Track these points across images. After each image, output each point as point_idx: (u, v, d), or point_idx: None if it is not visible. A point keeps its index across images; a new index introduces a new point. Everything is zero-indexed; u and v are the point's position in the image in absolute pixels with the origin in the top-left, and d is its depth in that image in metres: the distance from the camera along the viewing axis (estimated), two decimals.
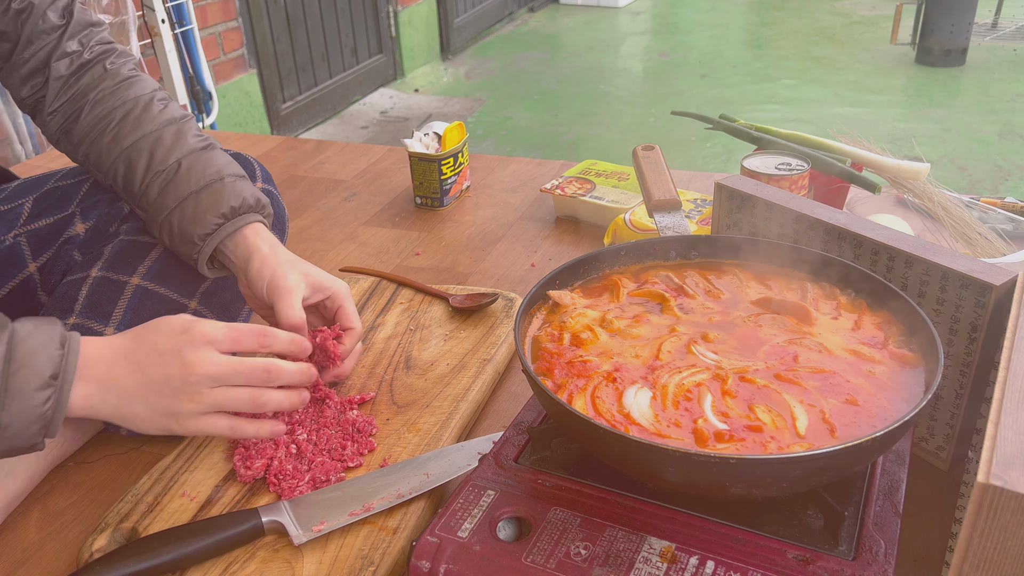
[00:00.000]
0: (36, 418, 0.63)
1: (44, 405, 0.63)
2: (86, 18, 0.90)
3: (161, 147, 0.84)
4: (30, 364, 0.62)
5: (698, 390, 0.60)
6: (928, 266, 0.69)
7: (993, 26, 4.82)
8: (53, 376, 0.63)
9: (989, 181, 3.20)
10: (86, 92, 0.87)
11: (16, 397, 0.61)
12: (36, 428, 0.63)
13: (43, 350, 0.63)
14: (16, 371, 0.61)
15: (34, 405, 0.62)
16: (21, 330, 0.63)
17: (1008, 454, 0.43)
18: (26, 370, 0.62)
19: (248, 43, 3.35)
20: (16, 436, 0.63)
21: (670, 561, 0.54)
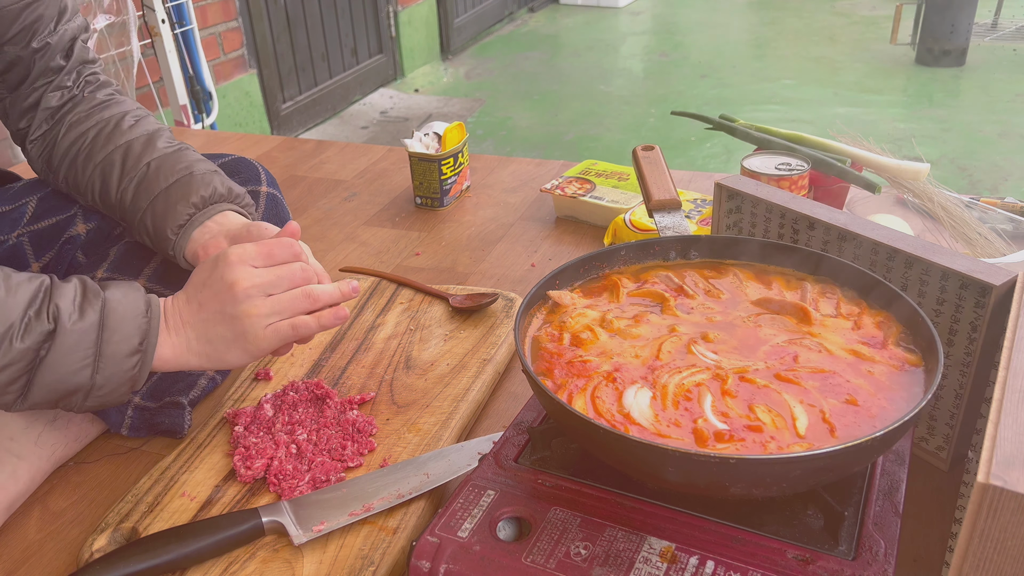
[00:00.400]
0: (126, 380, 0.68)
1: (133, 369, 0.67)
2: (84, 56, 0.93)
3: (131, 155, 0.86)
4: (121, 330, 0.66)
5: (698, 390, 0.60)
6: (928, 266, 0.69)
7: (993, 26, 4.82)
8: (141, 342, 0.68)
9: (989, 181, 3.20)
10: (63, 118, 0.89)
11: (109, 362, 0.66)
12: (126, 388, 0.68)
13: (132, 318, 0.67)
14: (109, 338, 0.66)
15: (125, 369, 0.67)
16: (112, 298, 0.67)
17: (1008, 454, 0.43)
18: (118, 336, 0.66)
19: (248, 43, 3.35)
20: (108, 395, 0.68)
21: (670, 561, 0.54)
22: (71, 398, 0.67)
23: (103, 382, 0.66)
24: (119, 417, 0.81)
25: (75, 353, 0.65)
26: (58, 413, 0.79)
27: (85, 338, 0.65)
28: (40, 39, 0.87)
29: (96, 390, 0.67)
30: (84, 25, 0.93)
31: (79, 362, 0.65)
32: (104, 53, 2.22)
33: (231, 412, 0.82)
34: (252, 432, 0.79)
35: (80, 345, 0.65)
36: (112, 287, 0.69)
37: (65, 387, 0.65)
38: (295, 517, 0.68)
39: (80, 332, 0.65)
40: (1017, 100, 3.98)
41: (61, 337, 0.64)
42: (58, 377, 0.65)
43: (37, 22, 0.86)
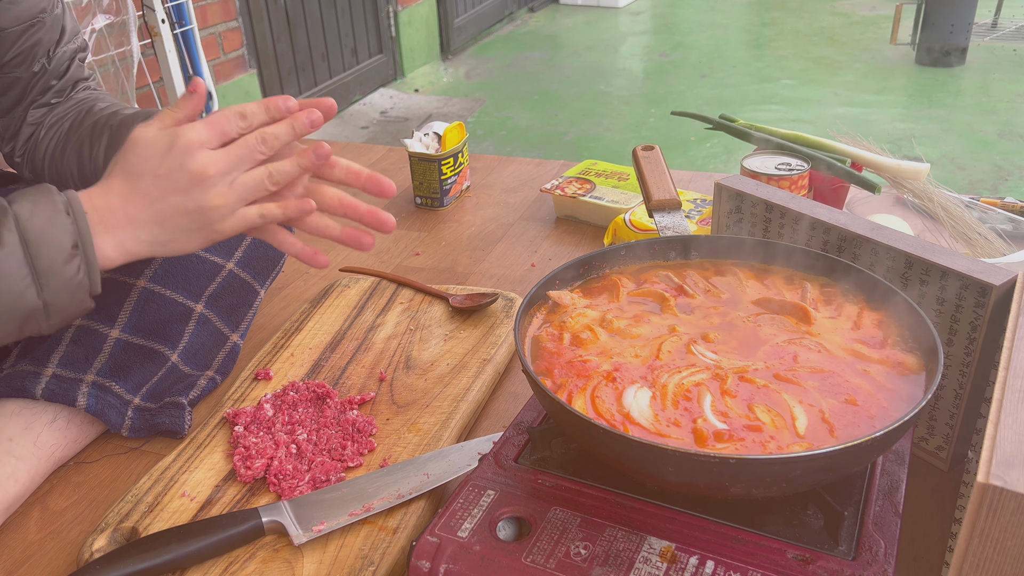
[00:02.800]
0: (77, 287, 0.64)
1: (78, 274, 0.64)
2: (79, 74, 0.93)
3: (98, 126, 0.86)
4: (47, 241, 0.63)
5: (697, 390, 0.60)
6: (928, 266, 0.69)
7: (993, 26, 4.82)
8: (74, 245, 0.63)
9: (989, 181, 3.20)
10: (43, 122, 0.91)
11: (49, 277, 0.63)
12: (81, 295, 0.65)
13: (52, 224, 0.63)
14: (37, 252, 0.62)
15: (69, 277, 0.64)
16: (22, 212, 0.63)
17: (1008, 454, 0.43)
18: (46, 248, 0.63)
19: (248, 43, 3.35)
20: (68, 307, 0.65)
21: (670, 561, 0.54)
22: (33, 322, 0.64)
23: (54, 298, 0.64)
24: (119, 418, 0.81)
25: (11, 278, 0.62)
26: (57, 414, 0.79)
27: (12, 260, 0.62)
28: (39, 63, 0.88)
29: (52, 308, 0.64)
30: (83, 45, 0.93)
31: (19, 285, 0.62)
32: (104, 53, 2.22)
33: (231, 412, 0.82)
34: (252, 432, 0.79)
35: (12, 269, 0.62)
36: (18, 199, 0.64)
37: (18, 313, 0.63)
38: (295, 517, 0.68)
39: (5, 257, 0.62)
40: (1017, 100, 3.98)
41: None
42: (5, 307, 0.62)
43: (36, 46, 0.87)
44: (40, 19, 0.86)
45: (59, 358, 0.80)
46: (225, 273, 0.91)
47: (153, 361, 0.84)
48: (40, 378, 0.78)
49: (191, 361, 0.88)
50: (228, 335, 0.92)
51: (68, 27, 0.90)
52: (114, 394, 0.81)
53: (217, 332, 0.90)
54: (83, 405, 0.78)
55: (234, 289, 0.92)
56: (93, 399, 0.79)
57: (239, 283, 0.92)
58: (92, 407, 0.79)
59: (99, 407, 0.79)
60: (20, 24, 0.84)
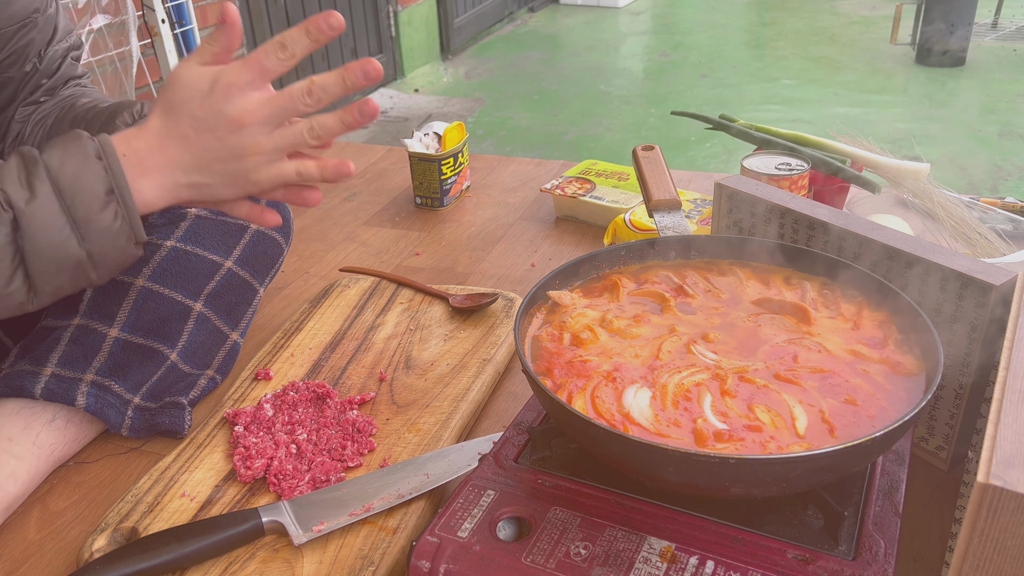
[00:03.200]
0: (116, 234, 0.63)
1: (116, 221, 0.63)
2: (71, 72, 0.93)
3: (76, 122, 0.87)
4: (80, 190, 0.61)
5: (697, 390, 0.60)
6: (928, 266, 0.69)
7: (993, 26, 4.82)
8: (108, 192, 0.62)
9: (989, 181, 3.20)
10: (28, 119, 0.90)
11: (87, 226, 0.62)
12: (123, 242, 0.64)
13: (84, 171, 0.62)
14: (72, 202, 0.61)
15: (107, 224, 0.62)
16: (52, 161, 0.62)
17: (1008, 454, 0.43)
18: (80, 196, 0.61)
19: (248, 43, 3.35)
20: (110, 257, 0.64)
21: (670, 561, 0.54)
22: (82, 273, 0.63)
23: (97, 248, 0.63)
24: (119, 417, 0.81)
25: (49, 229, 0.61)
26: (56, 413, 0.79)
27: (48, 211, 0.61)
28: (31, 62, 0.88)
29: (97, 257, 0.63)
30: (76, 43, 0.93)
31: (59, 235, 0.61)
32: (104, 53, 2.22)
33: (231, 412, 0.82)
34: (252, 432, 0.79)
35: (49, 220, 0.61)
36: (49, 148, 0.63)
37: (64, 265, 0.62)
38: (295, 517, 0.68)
39: (40, 208, 0.61)
40: (1017, 100, 3.98)
41: (25, 220, 0.60)
42: (49, 258, 0.61)
43: (28, 46, 0.87)
44: (33, 19, 0.86)
45: (58, 357, 0.80)
46: (224, 271, 0.91)
47: (152, 360, 0.84)
48: (39, 377, 0.78)
49: (190, 360, 0.87)
50: (228, 334, 0.92)
51: (60, 26, 0.90)
52: (113, 393, 0.81)
53: (216, 331, 0.90)
54: (82, 404, 0.78)
55: (233, 287, 0.92)
56: (92, 398, 0.79)
57: (238, 281, 0.92)
58: (91, 406, 0.79)
59: (98, 406, 0.79)
60: (13, 24, 0.84)
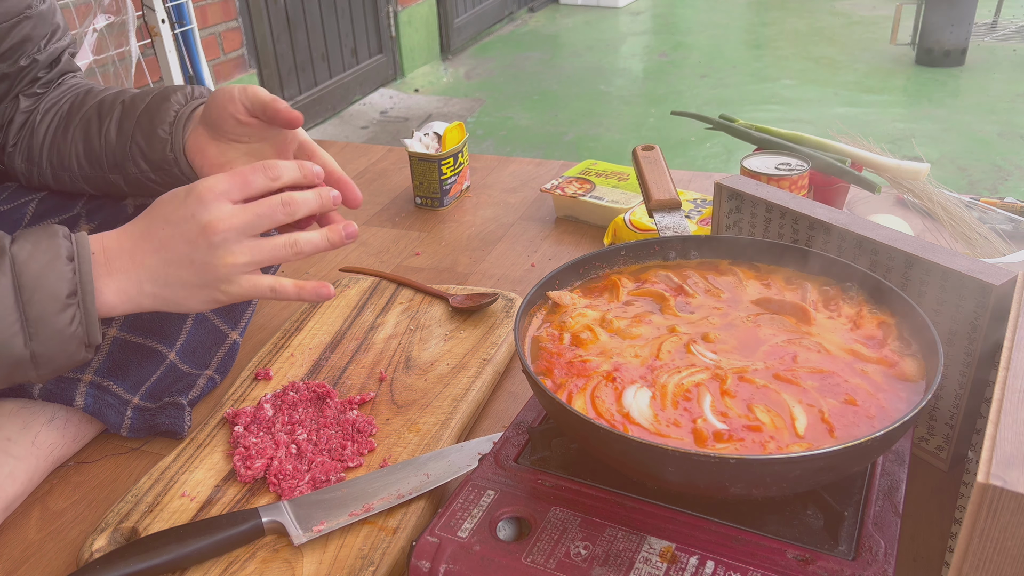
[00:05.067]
0: (69, 338, 0.59)
1: (71, 325, 0.59)
2: (68, 67, 0.94)
3: (105, 104, 0.86)
4: (41, 288, 0.58)
5: (697, 390, 0.60)
6: (928, 266, 0.69)
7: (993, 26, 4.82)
8: (71, 295, 0.59)
9: (989, 181, 3.20)
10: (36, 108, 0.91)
11: (40, 325, 0.58)
12: (73, 347, 0.60)
13: (51, 270, 0.59)
14: (30, 299, 0.58)
15: (61, 328, 0.59)
16: (20, 254, 0.59)
17: (1008, 454, 0.43)
18: (39, 295, 0.58)
19: (248, 43, 3.35)
20: (59, 359, 0.60)
21: (670, 561, 0.54)
22: (21, 372, 0.60)
23: (44, 349, 0.59)
24: (118, 418, 0.81)
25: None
26: (55, 413, 0.79)
27: (2, 304, 0.57)
28: (28, 57, 0.88)
29: (42, 359, 0.59)
30: (74, 42, 0.94)
31: (5, 332, 0.57)
32: (104, 53, 2.22)
33: (231, 412, 0.82)
34: (252, 432, 0.79)
35: (1, 314, 0.57)
36: (21, 239, 0.60)
37: (3, 361, 0.58)
38: (295, 517, 0.68)
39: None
40: (1017, 100, 3.98)
41: None
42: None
43: (26, 42, 0.87)
44: (27, 14, 0.86)
45: None
46: None
47: (151, 360, 0.84)
48: None
49: (189, 360, 0.87)
50: (227, 333, 0.92)
51: (60, 25, 0.91)
52: (112, 393, 0.81)
53: (215, 330, 0.90)
54: (81, 405, 0.78)
55: None
56: (91, 398, 0.79)
57: None
58: (90, 406, 0.79)
59: (97, 406, 0.79)
60: (7, 20, 0.84)
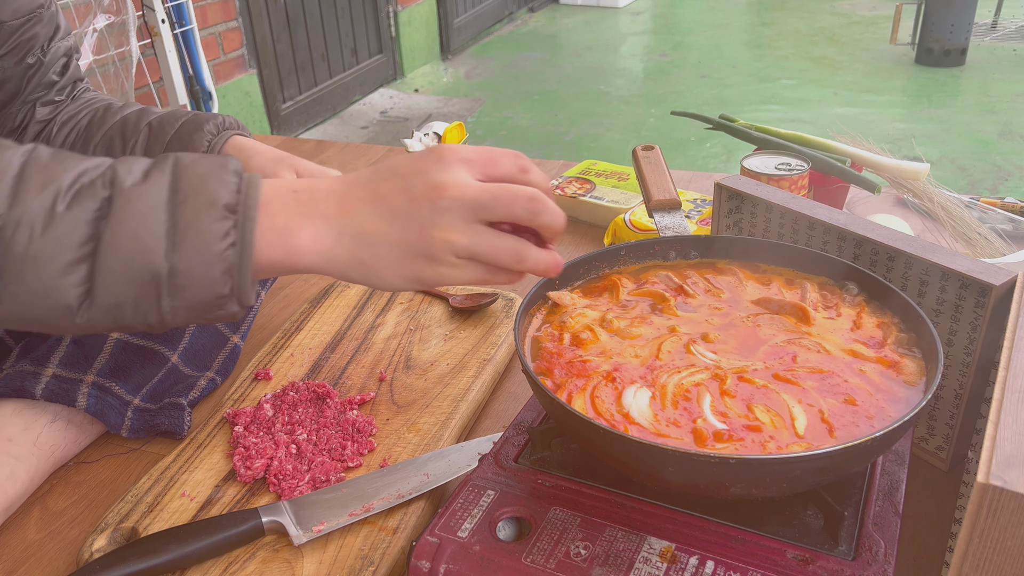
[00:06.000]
0: (216, 258, 0.51)
1: (223, 241, 0.51)
2: (76, 74, 0.94)
3: (129, 125, 0.87)
4: (201, 191, 0.51)
5: (697, 390, 0.60)
6: (928, 266, 0.69)
7: (993, 26, 4.82)
8: (230, 206, 0.51)
9: (989, 181, 3.20)
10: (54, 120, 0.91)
11: (188, 234, 0.50)
12: (218, 272, 0.51)
13: (214, 176, 0.52)
14: (183, 202, 0.51)
15: (212, 241, 0.50)
16: (185, 159, 0.53)
17: (1008, 454, 0.43)
18: (195, 200, 0.51)
19: (248, 43, 3.35)
20: (194, 287, 0.51)
21: (670, 561, 0.54)
22: (152, 295, 0.51)
23: (185, 264, 0.50)
24: (119, 418, 0.81)
25: (141, 223, 0.50)
26: (57, 414, 0.79)
27: (150, 201, 0.50)
28: (33, 55, 0.88)
29: (180, 279, 0.51)
30: (75, 45, 0.95)
31: (148, 236, 0.50)
32: (104, 53, 2.22)
33: (231, 412, 0.82)
34: (252, 432, 0.79)
35: (146, 212, 0.50)
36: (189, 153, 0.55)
37: (137, 275, 0.50)
38: (295, 517, 0.68)
39: (143, 194, 0.50)
40: (1017, 100, 3.98)
41: (120, 203, 0.50)
42: (125, 259, 0.50)
43: (32, 40, 0.88)
44: (38, 14, 0.87)
45: (59, 358, 0.80)
46: None
47: (153, 362, 0.84)
48: (40, 378, 0.78)
49: (191, 362, 0.88)
50: (228, 336, 0.92)
51: (62, 25, 0.92)
52: (114, 395, 0.81)
53: (217, 333, 0.90)
54: (83, 405, 0.78)
55: None
56: (93, 399, 0.79)
57: None
58: (92, 407, 0.79)
59: (99, 407, 0.79)
60: (19, 18, 0.85)
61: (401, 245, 0.53)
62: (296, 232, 0.53)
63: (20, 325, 0.52)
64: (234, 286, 0.52)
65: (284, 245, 0.53)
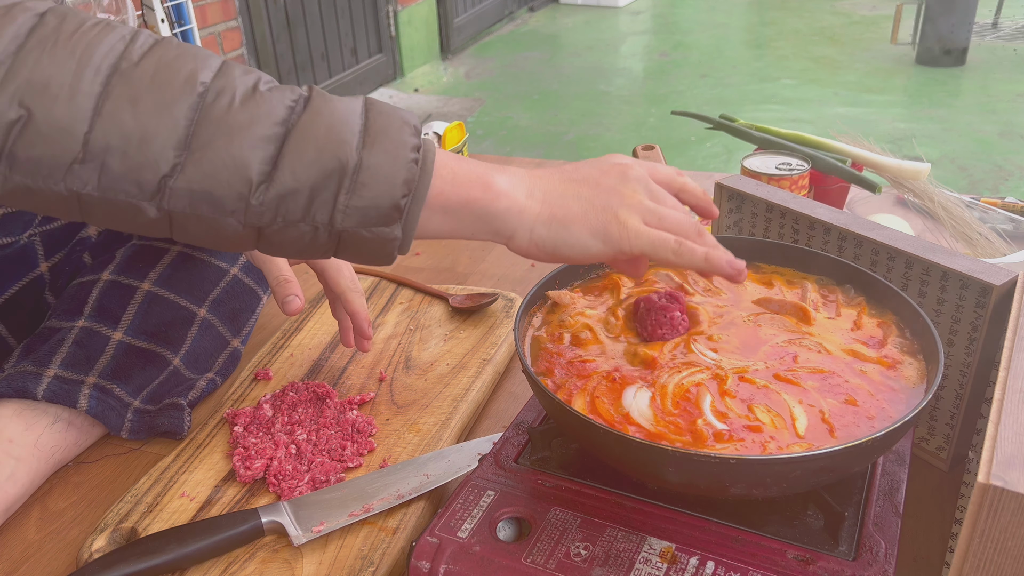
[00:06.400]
0: (403, 164, 0.51)
1: (412, 152, 0.52)
2: None
3: None
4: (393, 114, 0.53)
5: (697, 390, 0.60)
6: (928, 266, 0.69)
7: (993, 26, 4.82)
8: (417, 130, 0.53)
9: (989, 181, 3.20)
10: None
11: (381, 136, 0.51)
12: (401, 179, 0.51)
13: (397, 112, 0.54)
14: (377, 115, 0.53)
15: (401, 147, 0.52)
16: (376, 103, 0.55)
17: (1008, 454, 0.43)
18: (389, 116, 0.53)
19: (248, 43, 3.35)
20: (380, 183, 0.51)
21: (670, 561, 0.54)
22: (332, 187, 0.50)
23: (373, 160, 0.51)
24: (119, 420, 0.81)
25: (339, 119, 0.51)
26: (58, 415, 0.79)
27: (349, 106, 0.52)
28: None
29: (362, 174, 0.50)
30: None
31: (344, 128, 0.51)
32: None
33: (230, 412, 0.82)
34: (251, 432, 0.79)
35: (344, 112, 0.52)
36: None
37: (324, 162, 0.50)
38: (295, 517, 0.68)
39: (342, 101, 0.52)
40: (1017, 100, 3.98)
41: (319, 101, 0.51)
42: (317, 145, 0.50)
43: None
44: None
45: (61, 359, 0.80)
46: (229, 278, 0.91)
47: (155, 364, 0.84)
48: (41, 379, 0.78)
49: (192, 366, 0.88)
50: (229, 340, 0.92)
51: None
52: (115, 396, 0.81)
53: (219, 337, 0.90)
54: (84, 407, 0.78)
55: (237, 294, 0.92)
56: (94, 401, 0.79)
57: (242, 288, 0.92)
58: (93, 409, 0.79)
59: (100, 409, 0.79)
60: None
61: (592, 199, 0.57)
62: (492, 177, 0.56)
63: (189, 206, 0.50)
64: (409, 204, 0.52)
65: (482, 183, 0.55)
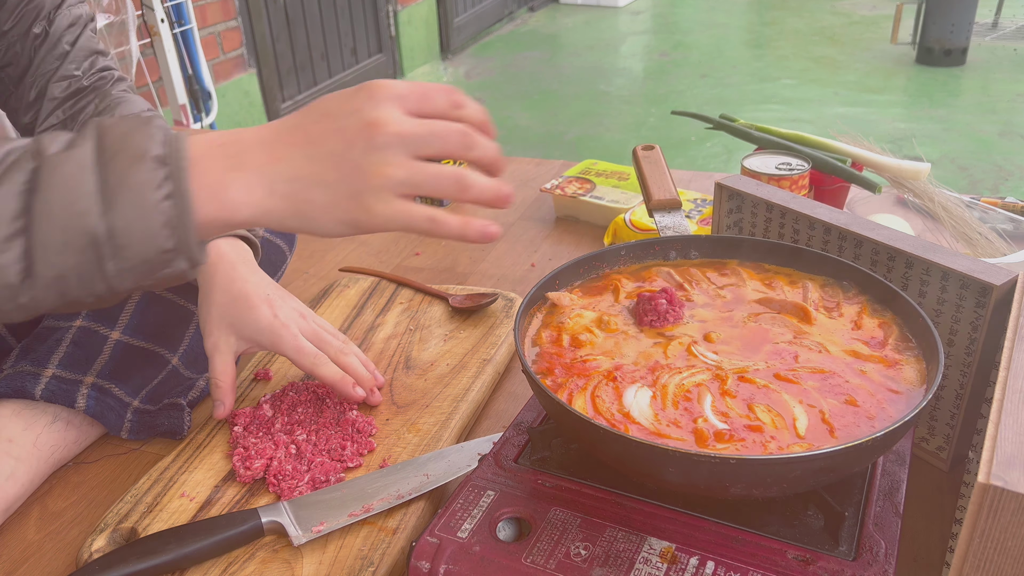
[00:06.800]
0: (152, 210, 0.48)
1: (157, 191, 0.48)
2: (91, 45, 0.92)
3: None
4: (128, 146, 0.49)
5: (698, 390, 0.59)
6: (928, 266, 0.69)
7: (993, 26, 4.82)
8: (160, 158, 0.49)
9: (989, 181, 3.20)
10: (76, 113, 0.89)
11: (120, 188, 0.48)
12: (158, 224, 0.48)
13: (138, 132, 0.50)
14: (111, 159, 0.48)
15: (147, 192, 0.48)
16: (106, 121, 0.51)
17: (1008, 454, 0.43)
18: (124, 155, 0.49)
19: (247, 43, 3.35)
20: (136, 245, 0.49)
21: (670, 561, 0.54)
22: (95, 259, 0.49)
23: (122, 221, 0.48)
24: (118, 420, 0.81)
25: (71, 187, 0.48)
26: (57, 415, 0.79)
27: (77, 164, 0.48)
28: (39, 24, 0.87)
29: (117, 237, 0.48)
30: (90, 14, 0.92)
31: (80, 198, 0.48)
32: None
33: (230, 412, 0.82)
34: (251, 432, 0.79)
35: (74, 175, 0.48)
36: None
37: (74, 241, 0.48)
38: (294, 517, 0.68)
39: (68, 159, 0.48)
40: (1017, 100, 3.98)
41: (47, 171, 0.48)
42: (60, 226, 0.47)
43: (38, 7, 0.86)
44: None
45: (59, 359, 0.80)
46: None
47: (153, 364, 0.84)
48: (40, 379, 0.78)
49: (191, 366, 0.87)
50: None
51: None
52: (114, 396, 0.80)
53: None
54: (83, 407, 0.78)
55: None
56: (93, 401, 0.79)
57: None
58: (91, 409, 0.79)
59: (98, 409, 0.79)
60: None
61: (336, 186, 0.52)
62: (228, 187, 0.51)
63: None
64: (178, 241, 0.50)
65: (218, 201, 0.51)
